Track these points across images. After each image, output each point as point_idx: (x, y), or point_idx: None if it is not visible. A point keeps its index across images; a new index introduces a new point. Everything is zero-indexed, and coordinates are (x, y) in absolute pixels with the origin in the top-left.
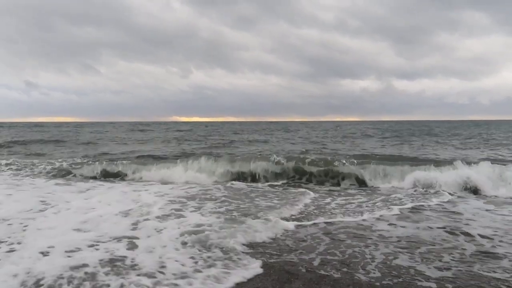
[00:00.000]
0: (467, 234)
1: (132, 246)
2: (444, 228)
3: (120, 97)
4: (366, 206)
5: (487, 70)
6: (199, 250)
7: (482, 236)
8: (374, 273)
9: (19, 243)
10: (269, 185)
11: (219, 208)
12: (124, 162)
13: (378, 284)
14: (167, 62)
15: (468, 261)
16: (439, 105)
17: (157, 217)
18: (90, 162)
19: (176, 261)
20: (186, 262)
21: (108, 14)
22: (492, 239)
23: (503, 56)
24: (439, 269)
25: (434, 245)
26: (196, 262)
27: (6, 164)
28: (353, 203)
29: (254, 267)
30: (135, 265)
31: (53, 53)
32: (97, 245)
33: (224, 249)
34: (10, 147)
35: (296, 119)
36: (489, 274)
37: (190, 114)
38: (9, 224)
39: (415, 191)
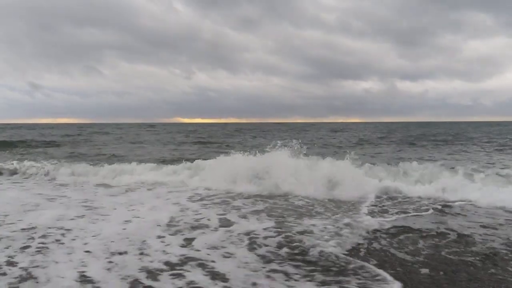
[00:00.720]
0: None
1: (218, 276)
2: None
3: (123, 98)
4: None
5: (490, 72)
6: (309, 269)
7: None
8: None
9: (38, 266)
10: None
11: (268, 210)
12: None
13: None
14: (169, 63)
15: None
16: (442, 106)
17: (208, 225)
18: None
19: None
20: None
21: (111, 16)
22: None
23: (506, 57)
24: None
25: None
26: None
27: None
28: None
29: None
30: None
31: (56, 55)
32: (159, 274)
33: (330, 264)
34: (45, 149)
35: (299, 120)
36: None
37: (193, 116)
38: (29, 239)
39: None
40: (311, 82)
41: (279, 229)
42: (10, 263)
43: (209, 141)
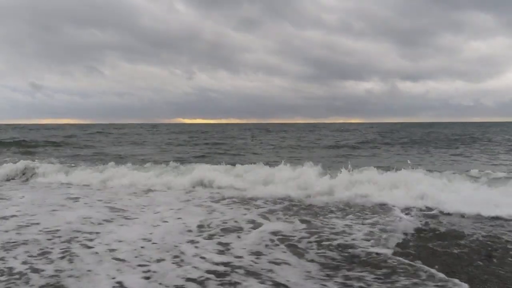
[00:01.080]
0: None
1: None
2: None
3: (124, 99)
4: None
5: (491, 72)
6: (380, 272)
7: None
8: None
9: (71, 275)
10: None
11: (286, 210)
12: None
13: None
14: (170, 64)
15: None
16: (443, 107)
17: (239, 228)
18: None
19: None
20: None
21: (112, 17)
22: None
23: (507, 57)
24: None
25: None
26: None
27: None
28: None
29: None
30: None
31: (57, 55)
32: (206, 284)
33: (394, 267)
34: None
35: (300, 120)
36: None
37: (194, 116)
38: (56, 243)
39: None
40: (312, 82)
41: (311, 230)
42: (35, 270)
43: (212, 142)
